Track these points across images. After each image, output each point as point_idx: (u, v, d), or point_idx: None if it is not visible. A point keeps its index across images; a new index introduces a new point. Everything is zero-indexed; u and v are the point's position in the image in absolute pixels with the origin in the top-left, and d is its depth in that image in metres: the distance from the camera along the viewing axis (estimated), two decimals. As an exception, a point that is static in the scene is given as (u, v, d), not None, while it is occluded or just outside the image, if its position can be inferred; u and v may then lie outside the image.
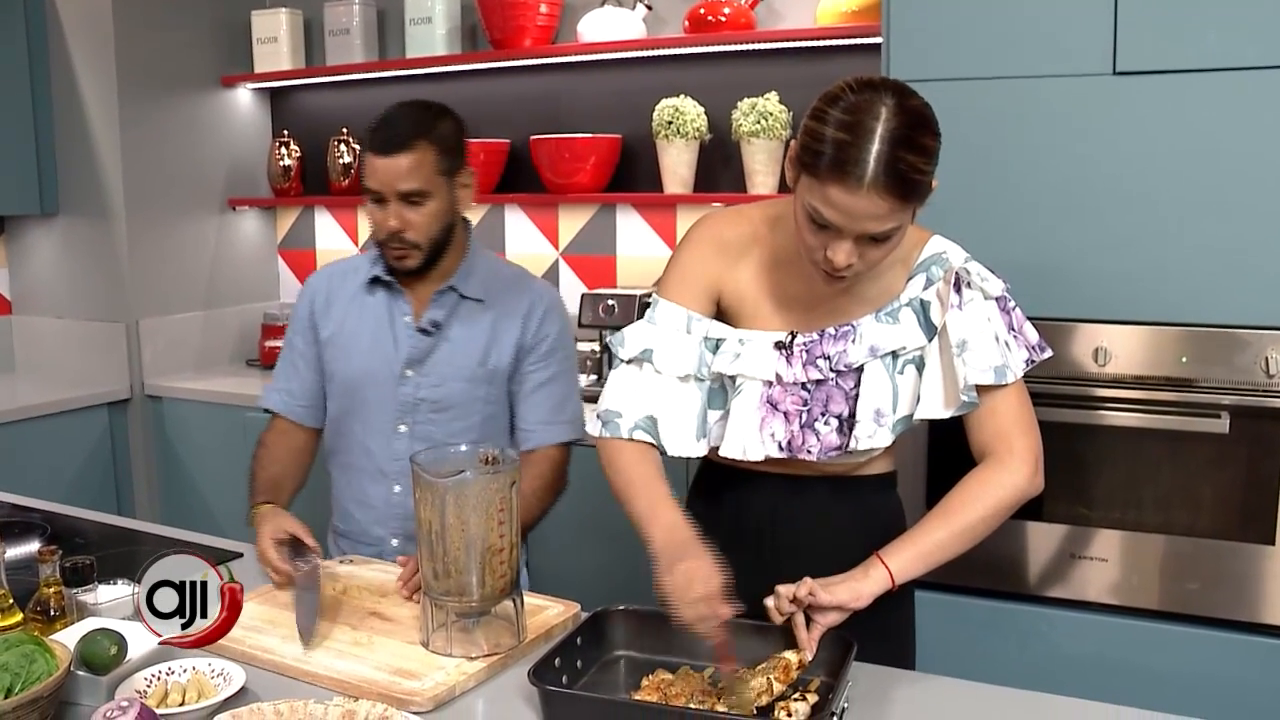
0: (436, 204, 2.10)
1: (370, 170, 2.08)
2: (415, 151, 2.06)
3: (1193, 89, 2.24)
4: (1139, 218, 2.31)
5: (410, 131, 2.06)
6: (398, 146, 2.05)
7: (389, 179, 2.06)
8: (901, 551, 1.62)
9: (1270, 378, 2.23)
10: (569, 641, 1.60)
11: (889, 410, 1.66)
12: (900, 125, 1.47)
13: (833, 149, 1.48)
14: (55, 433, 3.80)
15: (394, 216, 2.08)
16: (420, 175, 2.06)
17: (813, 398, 1.69)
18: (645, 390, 1.74)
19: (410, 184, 2.06)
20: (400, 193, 2.06)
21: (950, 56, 2.42)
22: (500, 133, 3.86)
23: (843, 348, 1.67)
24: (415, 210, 2.09)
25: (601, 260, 3.79)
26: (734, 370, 1.70)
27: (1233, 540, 2.31)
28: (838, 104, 1.50)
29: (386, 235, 2.11)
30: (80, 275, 4.10)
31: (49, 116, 4.02)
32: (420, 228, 2.10)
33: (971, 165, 2.41)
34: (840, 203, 1.49)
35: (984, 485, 1.68)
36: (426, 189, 2.08)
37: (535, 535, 2.35)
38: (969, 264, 1.68)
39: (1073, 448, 2.42)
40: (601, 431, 1.75)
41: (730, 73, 3.45)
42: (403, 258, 2.13)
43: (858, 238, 1.53)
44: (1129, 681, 2.36)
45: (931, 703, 1.57)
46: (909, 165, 1.47)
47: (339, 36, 4.02)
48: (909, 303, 1.68)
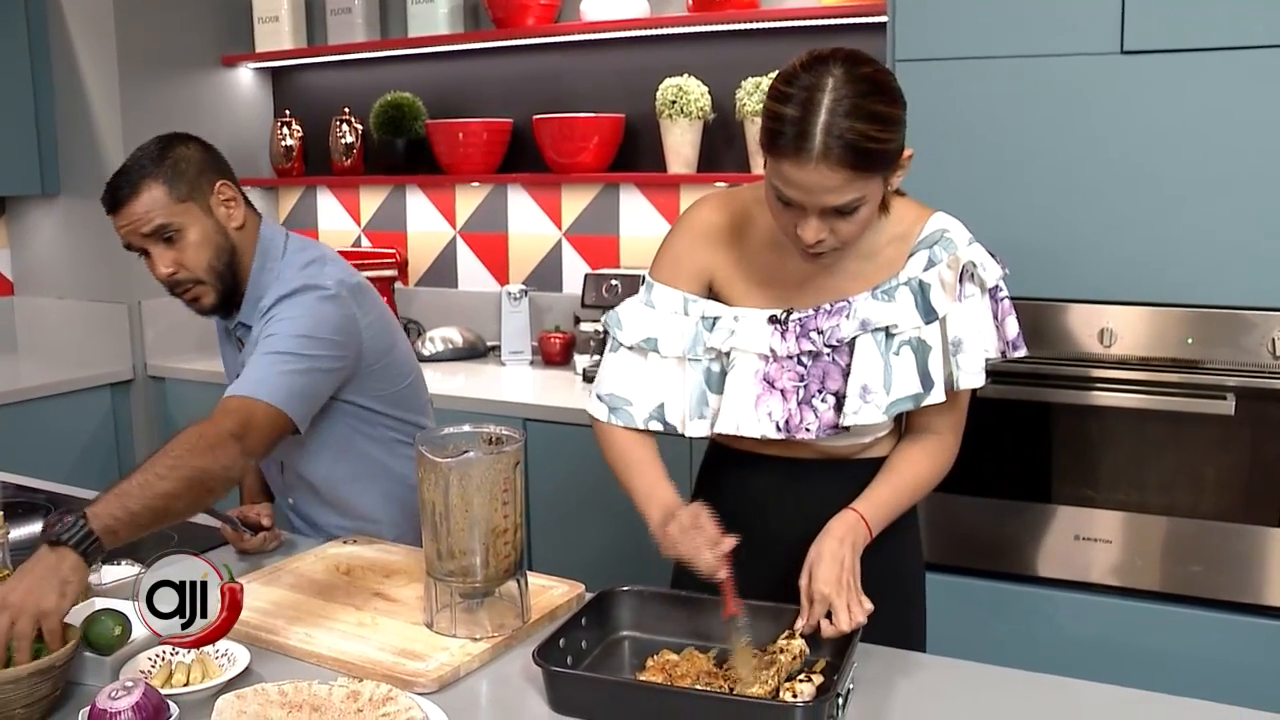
0: (194, 232, 2.01)
1: (118, 230, 2.01)
2: (139, 197, 1.97)
3: (1200, 68, 2.23)
4: (1145, 198, 2.30)
5: (125, 180, 1.99)
6: (118, 201, 1.98)
7: (132, 229, 1.99)
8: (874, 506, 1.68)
9: (1276, 359, 2.22)
10: (573, 622, 1.60)
11: (878, 388, 1.65)
12: (847, 94, 1.46)
13: (784, 126, 1.48)
14: (58, 414, 3.80)
15: (160, 262, 2.00)
16: (159, 214, 1.98)
17: (809, 374, 1.69)
18: (651, 377, 1.76)
19: (149, 225, 1.98)
20: (145, 234, 1.99)
21: (956, 35, 2.40)
22: (503, 112, 3.85)
23: (836, 322, 1.67)
24: (172, 249, 2.00)
25: (605, 240, 3.78)
26: (729, 345, 1.70)
27: (1237, 522, 2.31)
28: (789, 81, 1.50)
29: (167, 284, 2.03)
30: (82, 256, 4.09)
31: (50, 97, 4.00)
32: (190, 262, 2.01)
33: (977, 145, 2.40)
34: (795, 178, 1.49)
35: (938, 466, 1.75)
36: (168, 221, 1.99)
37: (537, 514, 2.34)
38: (972, 247, 1.67)
39: (1077, 429, 2.42)
40: (610, 418, 1.77)
41: (734, 52, 3.43)
42: (196, 298, 2.05)
43: (823, 212, 1.52)
44: (1132, 663, 2.36)
45: (935, 684, 1.57)
46: (858, 134, 1.45)
47: (341, 15, 4.00)
48: (907, 282, 1.66)
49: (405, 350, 2.20)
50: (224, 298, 2.07)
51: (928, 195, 1.74)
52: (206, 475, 1.69)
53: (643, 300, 1.78)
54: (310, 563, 1.97)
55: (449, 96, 3.99)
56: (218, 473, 1.71)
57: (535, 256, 3.92)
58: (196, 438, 1.72)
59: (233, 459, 1.75)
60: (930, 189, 1.76)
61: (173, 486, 1.63)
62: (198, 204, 2.03)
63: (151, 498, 1.61)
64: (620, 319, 1.78)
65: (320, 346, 1.96)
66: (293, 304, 1.98)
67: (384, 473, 2.17)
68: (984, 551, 2.51)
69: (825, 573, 1.56)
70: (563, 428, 3.11)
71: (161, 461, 1.66)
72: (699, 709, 1.42)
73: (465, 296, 4.08)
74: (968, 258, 1.65)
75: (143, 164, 1.99)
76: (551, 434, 3.13)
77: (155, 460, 1.66)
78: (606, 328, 1.80)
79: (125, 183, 1.99)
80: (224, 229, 2.06)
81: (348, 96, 4.15)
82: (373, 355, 2.08)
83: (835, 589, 1.55)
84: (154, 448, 4.09)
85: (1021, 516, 2.48)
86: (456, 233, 4.08)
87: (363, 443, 2.15)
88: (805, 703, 1.40)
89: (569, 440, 3.08)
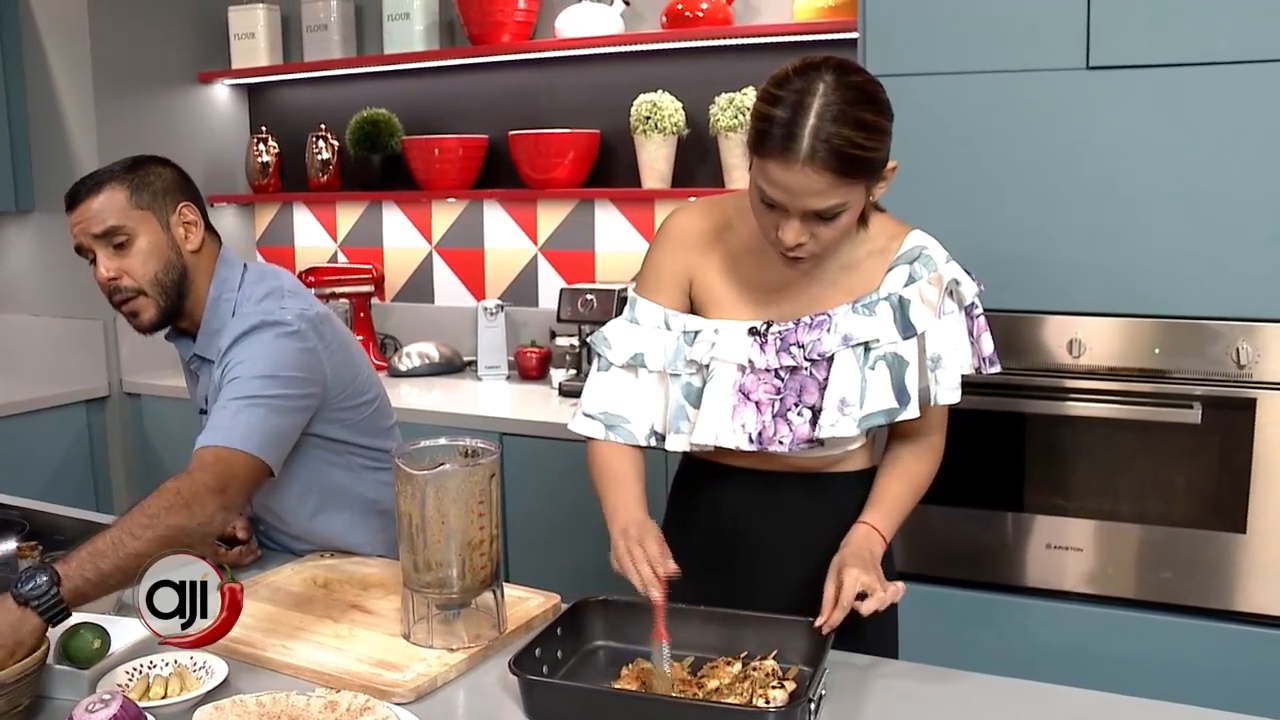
0: (145, 241, 1.96)
1: (71, 229, 1.97)
2: (102, 192, 1.94)
3: (1164, 83, 2.27)
4: (1112, 211, 2.33)
5: (95, 179, 1.96)
6: (83, 195, 1.95)
7: (84, 228, 1.95)
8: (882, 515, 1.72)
9: (1240, 368, 2.26)
10: (549, 632, 1.61)
11: (855, 401, 1.67)
12: (836, 100, 1.49)
13: (772, 126, 1.51)
14: (33, 430, 3.79)
15: (105, 266, 1.95)
16: (111, 215, 1.93)
17: (786, 387, 1.70)
18: (644, 395, 1.78)
19: (101, 225, 1.93)
20: (96, 235, 1.94)
21: (925, 51, 2.44)
22: (479, 128, 3.87)
23: (817, 336, 1.68)
24: (125, 255, 1.95)
25: (580, 255, 3.80)
26: (709, 357, 1.72)
27: (1205, 529, 2.34)
28: (780, 85, 1.54)
29: (108, 290, 1.97)
30: (57, 272, 4.08)
31: (23, 112, 4.00)
32: (136, 271, 1.96)
33: (947, 159, 2.44)
34: (780, 179, 1.52)
35: (930, 470, 1.80)
36: (121, 224, 1.94)
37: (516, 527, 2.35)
38: (950, 265, 1.69)
39: (1048, 438, 2.45)
40: (609, 436, 1.79)
41: (707, 68, 3.46)
42: (135, 311, 1.98)
43: (805, 216, 1.55)
44: (1105, 669, 2.39)
45: (908, 689, 1.58)
46: (844, 140, 1.48)
47: (317, 32, 4.01)
48: (887, 297, 1.68)
49: (368, 375, 2.13)
50: (164, 316, 2.00)
51: (897, 208, 1.76)
52: (181, 533, 1.65)
53: (627, 318, 1.80)
54: (287, 576, 1.98)
55: (425, 113, 4.01)
56: (193, 529, 1.68)
57: (511, 272, 3.94)
58: (174, 494, 1.69)
59: (210, 515, 1.71)
60: (900, 202, 1.78)
61: (145, 546, 1.60)
62: (156, 216, 1.98)
63: (124, 558, 1.59)
64: (607, 338, 1.80)
65: (285, 385, 1.89)
66: (251, 343, 1.90)
67: (353, 500, 2.11)
68: (957, 561, 2.54)
69: (856, 566, 1.59)
70: (539, 441, 3.12)
71: (136, 519, 1.64)
72: (673, 715, 1.44)
73: (441, 312, 4.09)
74: (949, 275, 1.68)
75: (112, 169, 1.98)
76: (528, 448, 3.15)
77: (130, 517, 1.64)
78: (594, 347, 1.82)
79: (90, 182, 1.96)
80: (178, 247, 2.00)
81: (324, 113, 4.16)
82: (337, 386, 2.02)
83: (870, 575, 1.58)
84: (130, 464, 4.08)
85: (993, 526, 2.50)
86: (433, 248, 4.09)
87: (330, 472, 2.08)
88: (778, 708, 1.41)
89: (545, 454, 3.09)
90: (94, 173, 1.99)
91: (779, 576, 1.78)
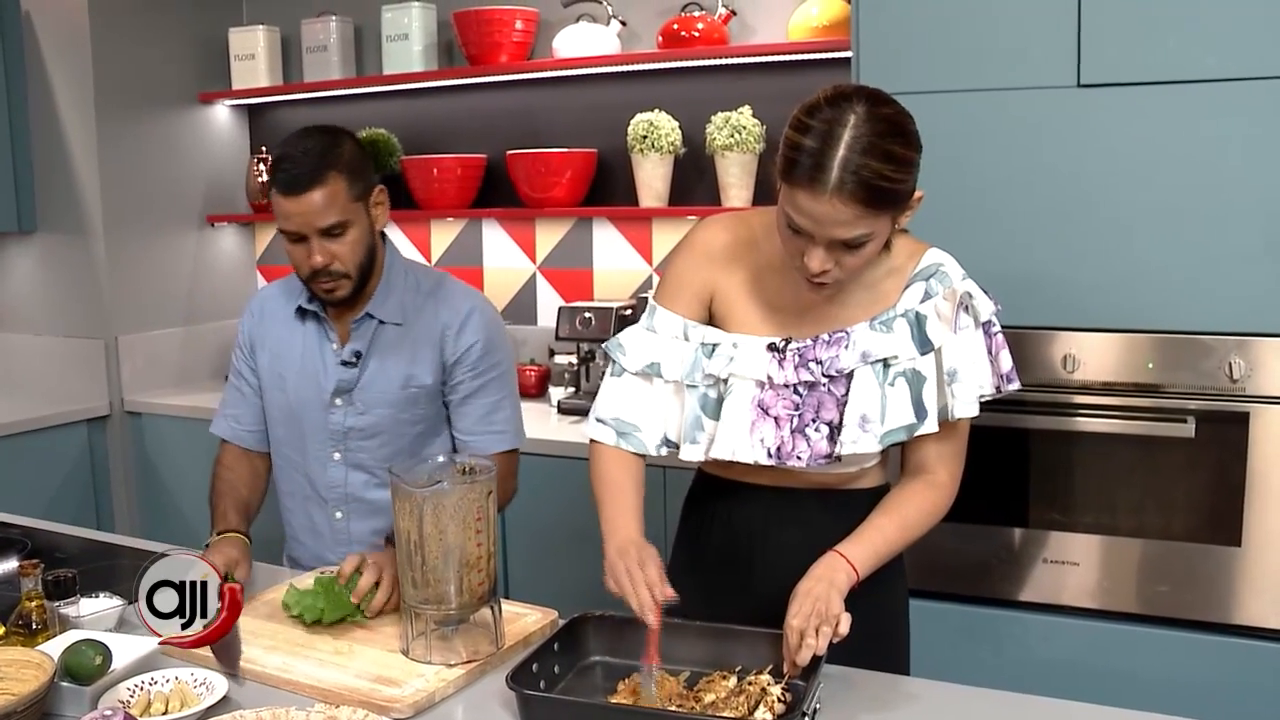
0: (357, 231, 2.06)
1: (283, 213, 2.01)
2: (326, 185, 1.99)
3: (1155, 101, 2.29)
4: (1105, 227, 2.35)
5: (315, 166, 1.99)
6: (307, 184, 1.99)
7: (305, 219, 2.00)
8: (858, 545, 1.66)
9: (1234, 383, 2.27)
10: (546, 647, 1.62)
11: (876, 418, 1.67)
12: (866, 133, 1.50)
13: (801, 156, 1.52)
14: (34, 450, 3.80)
15: (318, 252, 2.03)
16: (336, 208, 2.01)
17: (804, 403, 1.71)
18: (657, 403, 1.78)
19: (327, 219, 2.01)
20: (320, 229, 2.01)
21: (918, 70, 2.46)
22: (477, 148, 3.89)
23: (835, 353, 1.69)
24: (338, 242, 2.04)
25: (578, 274, 3.82)
26: (727, 371, 1.72)
27: (1201, 543, 2.35)
28: (811, 113, 1.54)
29: (312, 272, 2.06)
30: (59, 292, 4.10)
31: (26, 134, 4.02)
32: (346, 258, 2.06)
33: (940, 176, 2.43)
34: (807, 208, 1.53)
35: (927, 507, 1.73)
36: (344, 219, 2.03)
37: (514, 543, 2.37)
38: (966, 282, 1.70)
39: (1044, 453, 2.46)
40: (619, 443, 1.79)
41: (704, 87, 3.49)
42: (333, 290, 2.08)
43: (830, 244, 1.56)
44: (1104, 683, 2.39)
45: (903, 703, 1.59)
46: (873, 172, 1.50)
47: (316, 53, 4.04)
48: (904, 313, 1.69)
49: None
50: (355, 292, 2.11)
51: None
52: None
53: (645, 325, 1.80)
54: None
55: (423, 133, 4.03)
56: None
57: (510, 290, 3.96)
58: None
59: None
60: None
61: None
62: (363, 204, 2.08)
63: None
64: (622, 345, 1.80)
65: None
66: (479, 325, 2.19)
67: None
68: (955, 576, 2.54)
69: (796, 608, 1.56)
70: (538, 459, 3.13)
71: None
72: (670, 730, 1.45)
73: (441, 330, 4.09)
74: (963, 290, 1.69)
75: (327, 154, 2.01)
76: (527, 465, 3.11)
77: None
78: (608, 353, 1.82)
79: (307, 170, 1.99)
80: (373, 229, 2.12)
81: (323, 133, 4.18)
82: None
83: (803, 621, 1.54)
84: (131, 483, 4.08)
85: (991, 541, 2.51)
86: (431, 267, 4.11)
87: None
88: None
89: (544, 471, 3.10)
90: (301, 156, 2.00)
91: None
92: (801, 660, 1.52)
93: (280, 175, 2.01)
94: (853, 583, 1.60)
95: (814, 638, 1.52)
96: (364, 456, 2.18)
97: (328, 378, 2.17)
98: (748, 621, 1.66)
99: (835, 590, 1.57)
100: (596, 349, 3.51)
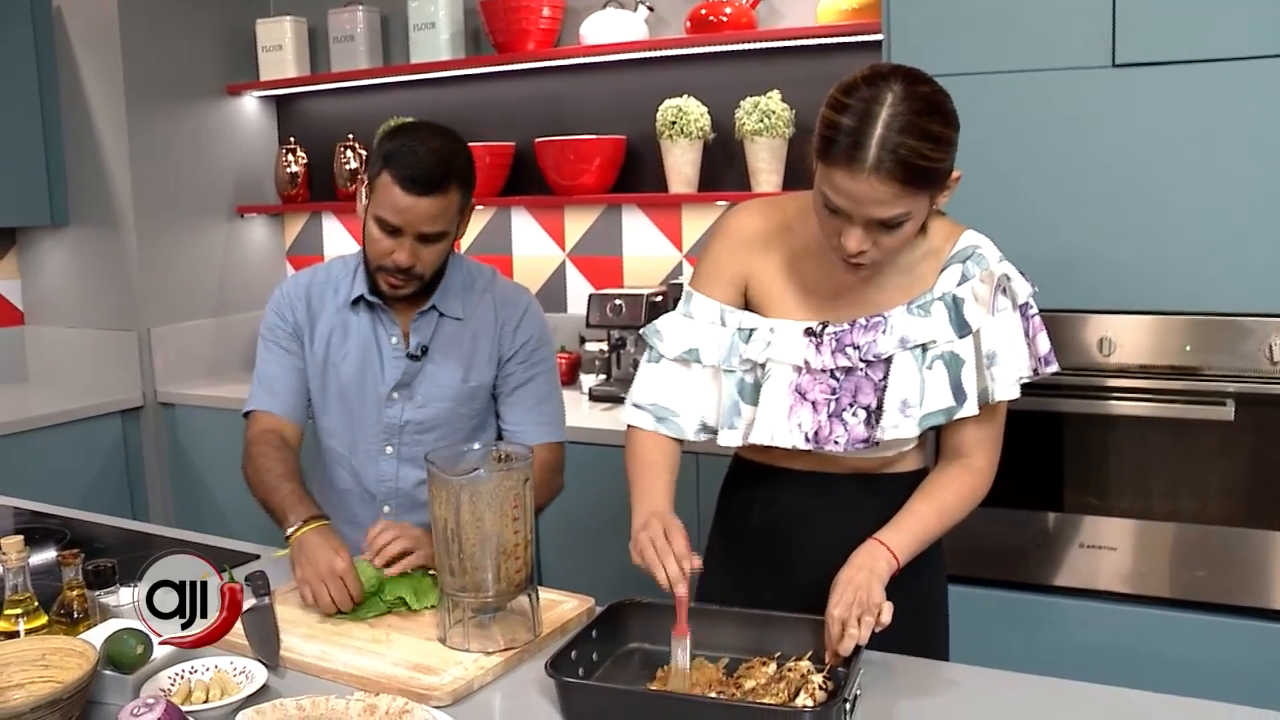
0: (448, 240, 2.07)
1: (393, 204, 1.96)
2: (445, 194, 1.98)
3: (1191, 80, 2.26)
4: (1140, 208, 2.32)
5: (443, 172, 1.97)
6: (430, 188, 1.96)
7: (414, 219, 1.97)
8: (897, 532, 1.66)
9: (1274, 365, 2.25)
10: (585, 634, 1.62)
11: (916, 403, 1.67)
12: (904, 111, 1.49)
13: (839, 135, 1.51)
14: (70, 441, 3.83)
15: (407, 252, 2.00)
16: (445, 218, 2.01)
17: (841, 387, 1.70)
18: (695, 389, 1.78)
19: (435, 227, 2.00)
20: (422, 233, 2.00)
21: (950, 52, 2.44)
22: (505, 136, 3.89)
23: (873, 338, 1.68)
24: (430, 247, 2.03)
25: (608, 261, 3.81)
26: (764, 356, 1.72)
27: (1240, 527, 2.33)
28: (848, 92, 1.53)
29: (392, 266, 2.03)
30: (91, 285, 4.13)
31: (58, 128, 4.05)
32: (429, 263, 2.05)
33: (973, 159, 2.41)
34: (845, 187, 1.52)
35: (965, 492, 1.73)
36: (447, 230, 2.03)
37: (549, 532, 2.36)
38: (1003, 264, 1.69)
39: (1080, 437, 2.44)
40: (658, 428, 1.79)
41: (732, 72, 3.47)
42: (400, 287, 2.07)
43: (868, 224, 1.55)
44: (1140, 668, 2.37)
45: (942, 688, 1.59)
46: (911, 150, 1.49)
47: (343, 43, 4.04)
48: (941, 296, 1.68)
49: None
50: (420, 291, 2.12)
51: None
52: None
53: (682, 311, 1.80)
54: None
55: (451, 121, 3.92)
56: None
57: (539, 278, 3.96)
58: None
59: None
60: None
61: None
62: (462, 215, 2.08)
63: None
64: (660, 331, 1.80)
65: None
66: (534, 320, 2.27)
67: None
68: (990, 561, 2.53)
69: (838, 597, 1.56)
70: (572, 446, 3.10)
71: None
72: (710, 716, 1.44)
73: (471, 318, 4.10)
74: (1000, 273, 1.68)
75: (453, 163, 2.01)
76: (559, 452, 3.15)
77: None
78: (646, 339, 1.82)
79: (433, 173, 1.97)
80: (455, 239, 2.12)
81: (351, 123, 4.19)
82: None
83: (845, 611, 1.53)
84: (164, 473, 4.11)
85: (1027, 525, 2.50)
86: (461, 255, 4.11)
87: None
88: (814, 708, 1.42)
89: (578, 458, 3.08)
90: (436, 155, 1.99)
91: (832, 577, 1.76)
92: (844, 650, 1.52)
93: (402, 168, 1.96)
94: (893, 570, 1.60)
95: (856, 627, 1.51)
96: (419, 450, 2.13)
97: (386, 370, 2.15)
98: (785, 606, 1.66)
99: (876, 579, 1.57)
100: (627, 336, 3.51)
